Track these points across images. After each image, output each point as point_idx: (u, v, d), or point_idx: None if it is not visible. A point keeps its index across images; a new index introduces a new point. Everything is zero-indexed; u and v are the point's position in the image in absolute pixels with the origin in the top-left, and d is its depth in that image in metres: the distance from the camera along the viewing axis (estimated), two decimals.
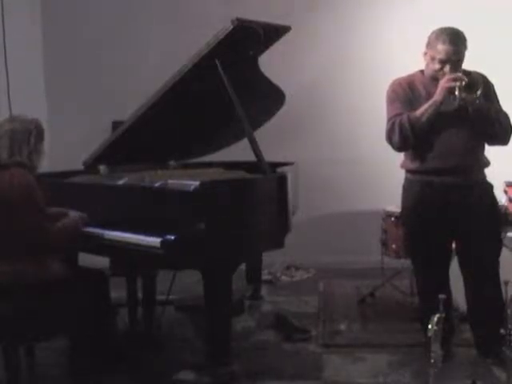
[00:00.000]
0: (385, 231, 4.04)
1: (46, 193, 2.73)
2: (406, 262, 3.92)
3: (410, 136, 2.83)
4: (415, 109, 2.85)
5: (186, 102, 3.15)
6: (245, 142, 3.14)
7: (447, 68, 2.79)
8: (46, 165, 2.88)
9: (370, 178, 4.80)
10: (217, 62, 2.98)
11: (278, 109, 3.60)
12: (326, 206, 4.92)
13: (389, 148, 3.14)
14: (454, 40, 2.79)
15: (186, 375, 2.94)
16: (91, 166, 3.38)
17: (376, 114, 4.70)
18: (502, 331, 2.49)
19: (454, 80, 2.73)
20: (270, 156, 3.08)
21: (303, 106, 4.66)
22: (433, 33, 2.86)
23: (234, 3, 4.36)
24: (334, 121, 4.85)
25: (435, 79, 2.84)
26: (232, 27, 2.80)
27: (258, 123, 3.47)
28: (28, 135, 2.72)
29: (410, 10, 4.72)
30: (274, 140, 3.97)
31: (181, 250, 2.54)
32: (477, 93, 2.72)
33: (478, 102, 2.74)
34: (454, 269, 3.04)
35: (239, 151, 3.52)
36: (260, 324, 3.72)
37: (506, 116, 2.87)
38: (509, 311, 2.45)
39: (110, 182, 3.15)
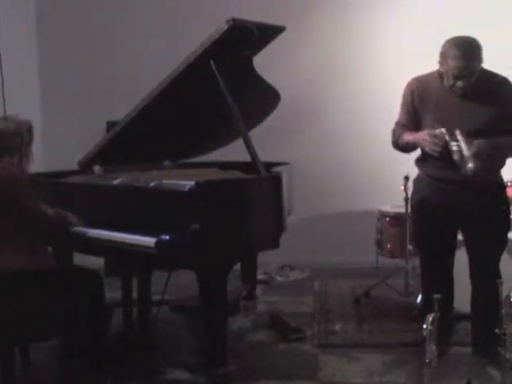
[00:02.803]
0: (380, 231, 4.05)
1: (38, 193, 2.73)
2: (401, 262, 3.95)
3: (398, 150, 3.01)
4: (421, 115, 2.84)
5: (180, 102, 3.14)
6: (240, 142, 3.13)
7: (460, 83, 2.68)
8: (40, 165, 2.87)
9: (364, 178, 4.80)
10: (211, 62, 2.97)
11: (273, 109, 3.60)
12: (321, 206, 4.91)
13: (384, 148, 3.16)
14: (466, 55, 2.62)
15: (182, 376, 2.94)
16: (86, 167, 3.37)
17: (371, 114, 4.77)
18: (497, 331, 2.49)
19: (435, 145, 2.68)
20: (265, 156, 3.08)
21: (298, 106, 4.66)
22: (445, 44, 2.72)
23: (230, 3, 4.36)
24: (329, 121, 4.84)
25: (450, 88, 2.75)
26: (227, 27, 2.80)
27: (252, 123, 3.46)
28: (19, 138, 2.70)
29: (406, 10, 4.72)
30: (268, 140, 3.96)
31: (176, 250, 2.53)
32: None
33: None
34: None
35: (234, 151, 3.52)
36: (255, 324, 3.72)
37: None
38: (504, 311, 2.46)
39: (104, 182, 3.14)
